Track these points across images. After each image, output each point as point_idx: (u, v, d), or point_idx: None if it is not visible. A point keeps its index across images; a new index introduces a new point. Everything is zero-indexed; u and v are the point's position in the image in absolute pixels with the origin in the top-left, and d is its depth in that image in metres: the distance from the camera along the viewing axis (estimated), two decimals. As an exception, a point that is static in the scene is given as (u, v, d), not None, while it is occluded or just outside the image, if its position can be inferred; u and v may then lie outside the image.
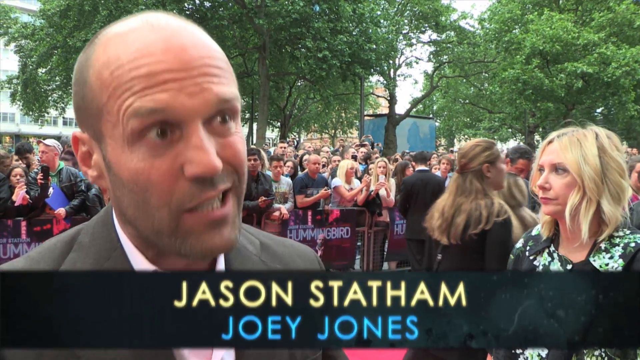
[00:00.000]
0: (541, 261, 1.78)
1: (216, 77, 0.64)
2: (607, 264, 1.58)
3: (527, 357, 1.71)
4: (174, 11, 17.48)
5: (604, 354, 1.53)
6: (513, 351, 1.77)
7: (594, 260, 1.60)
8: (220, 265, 0.77)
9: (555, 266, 1.71)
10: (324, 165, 9.27)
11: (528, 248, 1.87)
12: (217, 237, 0.64)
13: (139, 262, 0.71)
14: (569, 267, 1.66)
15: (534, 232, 1.90)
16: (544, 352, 1.64)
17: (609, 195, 1.59)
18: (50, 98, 25.55)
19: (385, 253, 8.41)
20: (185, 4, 20.60)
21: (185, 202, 0.62)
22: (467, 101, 34.51)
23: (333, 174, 8.27)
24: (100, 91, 0.63)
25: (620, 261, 1.56)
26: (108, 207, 0.76)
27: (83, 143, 0.70)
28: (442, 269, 3.04)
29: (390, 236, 8.13)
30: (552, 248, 1.76)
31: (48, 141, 6.18)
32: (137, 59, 0.61)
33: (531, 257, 1.83)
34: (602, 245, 1.61)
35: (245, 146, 0.69)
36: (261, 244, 0.88)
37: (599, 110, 26.07)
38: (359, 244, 8.18)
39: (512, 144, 42.03)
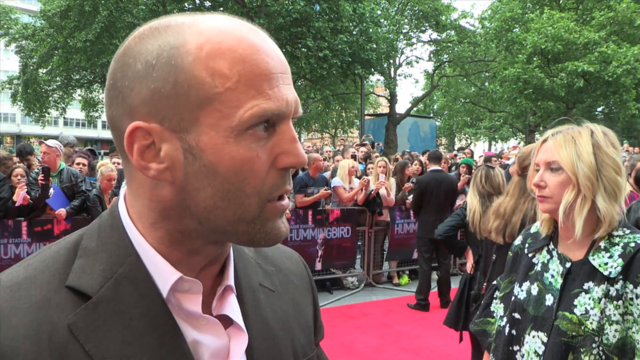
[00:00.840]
0: (540, 259, 1.77)
1: (291, 84, 0.71)
2: (606, 263, 1.57)
3: (523, 354, 1.70)
4: (175, 10, 17.49)
5: (601, 352, 1.52)
6: (510, 348, 1.76)
7: (593, 259, 1.60)
8: (231, 265, 0.78)
9: (554, 264, 1.70)
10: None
11: (527, 245, 1.86)
12: (283, 226, 0.71)
13: (159, 265, 0.69)
14: (568, 265, 1.66)
15: (532, 230, 1.90)
16: (540, 350, 1.64)
17: (604, 193, 1.58)
18: (51, 98, 25.55)
19: (385, 252, 8.42)
20: (186, 4, 20.57)
21: (273, 191, 0.68)
22: (468, 100, 34.48)
23: (333, 174, 8.28)
24: (212, 80, 0.63)
25: (620, 261, 1.55)
26: (114, 211, 0.73)
27: (148, 135, 0.65)
28: (496, 268, 3.18)
29: (391, 235, 8.14)
30: (551, 246, 1.76)
31: (50, 142, 6.19)
32: (254, 55, 0.65)
33: (530, 255, 1.82)
34: (602, 244, 1.60)
35: None
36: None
37: (599, 109, 26.02)
38: (359, 243, 8.19)
39: (512, 143, 42.08)
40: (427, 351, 5.36)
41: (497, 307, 1.95)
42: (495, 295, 2.04)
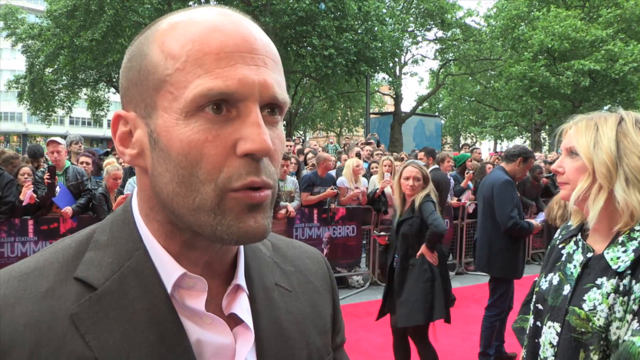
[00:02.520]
0: (567, 249, 1.71)
1: (274, 71, 0.67)
2: (618, 257, 1.49)
3: (540, 345, 1.67)
4: (178, 9, 17.41)
5: (607, 350, 1.48)
6: (536, 340, 1.71)
7: (607, 253, 1.52)
8: (241, 264, 0.76)
9: (578, 254, 1.64)
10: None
11: (560, 237, 1.80)
12: (252, 221, 0.64)
13: (164, 260, 0.69)
14: (589, 255, 1.59)
15: (569, 222, 1.82)
16: (555, 341, 1.59)
17: (624, 182, 1.48)
18: (57, 97, 25.66)
19: (391, 251, 8.41)
20: (190, 2, 20.62)
21: (232, 180, 0.63)
22: (473, 99, 34.40)
23: (339, 173, 8.27)
24: (164, 62, 0.64)
25: (632, 255, 1.47)
26: (127, 205, 0.74)
27: (126, 122, 0.69)
28: None
29: (397, 234, 8.12)
30: (579, 236, 1.69)
31: (58, 139, 6.26)
32: (208, 34, 0.63)
33: (560, 246, 1.76)
34: (621, 239, 1.52)
35: (284, 146, 0.71)
36: (272, 245, 0.88)
37: (606, 107, 25.91)
38: (364, 242, 8.18)
39: (518, 141, 41.95)
40: (433, 350, 5.34)
41: (532, 303, 1.89)
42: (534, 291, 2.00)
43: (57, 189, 5.83)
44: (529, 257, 9.42)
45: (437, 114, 36.87)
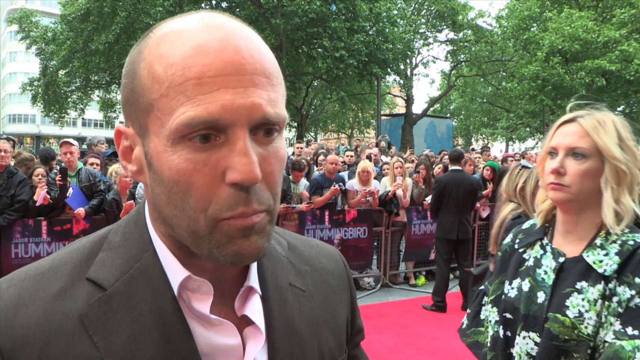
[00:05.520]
0: (532, 254, 1.67)
1: (265, 89, 0.63)
2: (601, 261, 1.47)
3: (514, 356, 1.61)
4: (189, 12, 17.48)
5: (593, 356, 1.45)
6: (508, 351, 1.65)
7: (587, 256, 1.50)
8: (253, 265, 0.76)
9: (547, 259, 1.60)
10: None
11: (517, 241, 1.75)
12: (247, 243, 0.63)
13: (171, 264, 0.69)
14: (561, 260, 1.56)
15: (525, 226, 1.79)
16: (533, 351, 1.54)
17: (627, 186, 1.48)
18: (69, 100, 25.89)
19: (402, 253, 8.38)
20: (203, 4, 20.72)
21: (222, 211, 0.61)
22: (485, 100, 34.22)
23: (350, 175, 8.26)
24: (151, 86, 0.62)
25: (617, 258, 1.45)
26: (140, 207, 0.75)
27: (126, 137, 0.69)
28: None
29: (408, 236, 8.10)
30: (545, 240, 1.65)
31: (72, 141, 6.33)
32: (190, 57, 0.60)
33: (520, 250, 1.71)
34: (598, 241, 1.50)
35: (284, 163, 0.68)
36: (289, 245, 0.88)
37: (620, 108, 25.66)
38: (376, 244, 8.16)
39: (530, 143, 41.64)
40: (444, 353, 5.32)
41: (491, 312, 1.78)
42: (483, 302, 1.89)
43: (70, 190, 5.88)
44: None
45: (448, 115, 36.69)
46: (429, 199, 7.79)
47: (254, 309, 0.74)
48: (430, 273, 8.51)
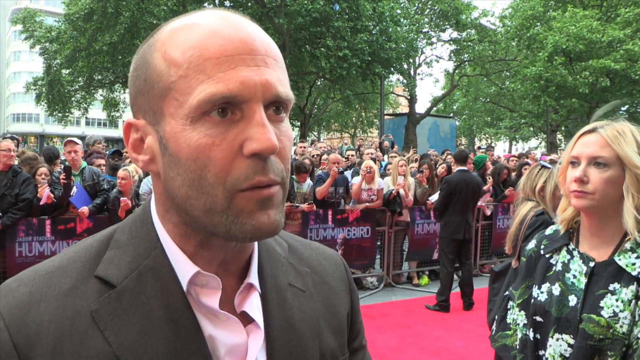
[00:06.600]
0: (559, 259, 1.73)
1: (275, 69, 0.67)
2: (633, 264, 1.54)
3: (547, 358, 1.67)
4: (193, 11, 17.51)
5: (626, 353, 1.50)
6: (537, 353, 1.72)
7: (619, 260, 1.56)
8: (254, 263, 0.77)
9: (576, 264, 1.67)
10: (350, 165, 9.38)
11: (542, 247, 1.82)
12: (265, 217, 0.66)
13: (180, 260, 0.71)
14: (592, 264, 1.62)
15: (548, 232, 1.86)
16: (567, 352, 1.60)
17: None
18: (73, 99, 25.92)
19: (405, 253, 8.38)
20: (206, 4, 20.73)
21: (240, 182, 0.64)
22: (488, 100, 34.16)
23: (353, 175, 8.28)
24: (168, 70, 0.65)
25: None
26: (145, 206, 0.77)
27: (136, 130, 0.71)
28: None
29: (411, 236, 8.09)
30: (571, 246, 1.72)
31: (77, 140, 6.35)
32: (207, 39, 0.64)
33: (547, 255, 1.78)
34: (628, 245, 1.57)
35: (292, 142, 0.72)
36: (289, 246, 0.89)
37: (624, 108, 25.58)
38: (379, 243, 8.16)
39: (533, 143, 41.55)
40: (447, 352, 5.31)
41: (518, 315, 1.88)
42: (509, 306, 1.97)
43: (74, 189, 5.90)
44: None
45: (451, 115, 36.63)
46: (432, 198, 7.79)
47: (253, 306, 0.75)
48: (433, 273, 8.50)
